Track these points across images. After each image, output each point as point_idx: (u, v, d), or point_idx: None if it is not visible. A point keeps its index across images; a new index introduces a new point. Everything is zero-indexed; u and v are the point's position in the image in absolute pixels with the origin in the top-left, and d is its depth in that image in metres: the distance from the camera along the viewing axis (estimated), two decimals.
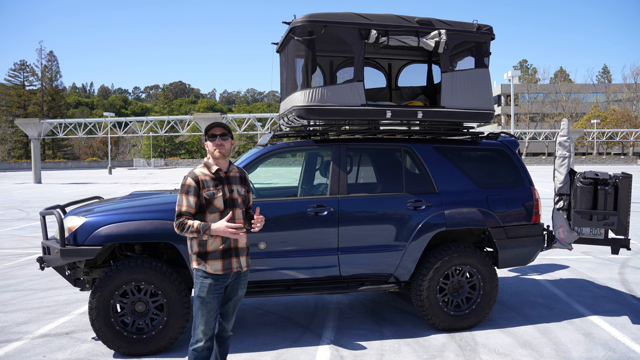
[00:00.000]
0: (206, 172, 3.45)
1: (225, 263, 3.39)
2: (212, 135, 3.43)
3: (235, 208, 3.44)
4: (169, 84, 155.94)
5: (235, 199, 3.45)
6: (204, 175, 3.43)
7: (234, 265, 3.42)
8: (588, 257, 8.32)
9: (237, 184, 3.51)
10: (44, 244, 4.62)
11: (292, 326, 5.15)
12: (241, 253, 3.47)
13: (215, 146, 3.42)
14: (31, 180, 35.75)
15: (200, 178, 3.41)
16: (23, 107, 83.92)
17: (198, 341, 3.40)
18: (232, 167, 3.54)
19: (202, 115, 37.27)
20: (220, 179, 3.45)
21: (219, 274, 3.38)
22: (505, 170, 5.29)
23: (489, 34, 5.25)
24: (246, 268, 3.52)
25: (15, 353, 4.50)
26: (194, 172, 3.45)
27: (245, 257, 3.50)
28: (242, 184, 3.55)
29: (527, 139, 64.86)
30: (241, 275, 3.52)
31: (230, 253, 3.41)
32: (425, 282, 4.85)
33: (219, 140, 3.42)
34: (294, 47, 5.01)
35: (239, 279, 3.52)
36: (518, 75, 41.14)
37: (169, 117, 42.57)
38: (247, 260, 3.52)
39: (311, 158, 5.99)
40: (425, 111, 5.08)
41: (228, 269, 3.40)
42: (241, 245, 3.47)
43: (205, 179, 3.41)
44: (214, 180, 3.42)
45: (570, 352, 4.43)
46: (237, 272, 3.46)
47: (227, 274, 3.41)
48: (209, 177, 3.43)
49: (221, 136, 3.43)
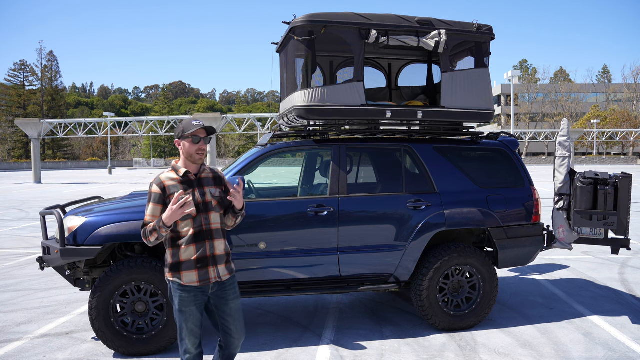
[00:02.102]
0: (173, 176, 3.14)
1: (202, 273, 3.08)
2: (195, 136, 3.11)
3: (210, 212, 3.13)
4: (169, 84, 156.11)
5: (208, 202, 3.14)
6: (170, 180, 3.12)
7: (212, 275, 3.10)
8: (588, 257, 8.32)
9: (210, 185, 3.20)
10: (44, 244, 4.62)
11: (292, 326, 5.15)
12: (219, 261, 3.14)
13: (198, 149, 3.12)
14: (31, 180, 35.74)
15: (166, 184, 3.10)
16: (23, 107, 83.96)
17: (187, 352, 3.15)
18: (203, 168, 3.22)
19: (202, 116, 37.25)
20: (189, 182, 3.14)
21: (195, 285, 3.08)
22: (505, 170, 5.29)
23: (489, 34, 5.25)
24: (228, 276, 3.18)
25: (15, 353, 4.50)
26: (160, 177, 3.15)
27: (224, 264, 3.17)
28: (217, 185, 3.24)
29: (527, 139, 64.86)
30: (226, 285, 3.18)
31: (206, 262, 3.09)
32: (425, 282, 4.85)
33: (203, 144, 3.14)
34: (294, 47, 5.01)
35: (224, 289, 3.18)
36: (518, 75, 41.17)
37: (169, 117, 42.58)
38: (227, 267, 3.19)
39: (311, 158, 5.99)
40: (425, 111, 5.08)
41: (205, 280, 3.09)
42: (219, 252, 3.15)
43: (171, 184, 3.10)
44: (183, 184, 3.11)
45: (570, 352, 4.43)
46: (217, 282, 3.15)
47: (205, 285, 3.11)
48: (177, 181, 3.12)
49: (205, 139, 3.16)
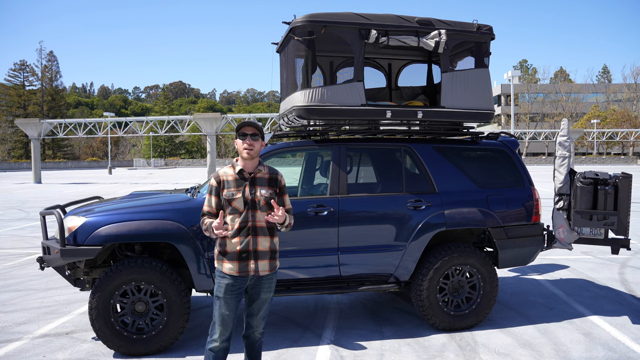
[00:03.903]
0: (230, 172, 3.39)
1: (242, 265, 3.31)
2: (242, 134, 3.33)
3: (256, 210, 3.33)
4: (169, 84, 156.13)
5: (257, 201, 3.34)
6: (226, 175, 3.38)
7: (251, 268, 3.32)
8: (588, 257, 8.32)
9: (264, 185, 3.38)
10: (44, 244, 4.62)
11: (292, 326, 5.15)
12: (261, 257, 3.35)
13: (244, 146, 3.32)
14: (31, 180, 35.74)
15: (223, 178, 3.37)
16: (23, 107, 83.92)
17: (214, 341, 3.36)
18: (260, 168, 3.42)
19: (202, 115, 37.24)
20: (243, 179, 3.36)
21: (235, 275, 3.31)
22: (505, 170, 5.29)
23: (489, 34, 5.25)
24: (267, 272, 3.38)
25: (15, 353, 4.50)
26: (218, 171, 3.42)
27: (267, 261, 3.37)
28: (271, 185, 3.41)
29: (527, 139, 64.84)
30: (263, 279, 3.39)
31: (247, 255, 3.31)
32: (425, 282, 4.85)
33: (249, 140, 3.32)
34: (294, 47, 5.01)
35: (260, 282, 3.39)
36: (518, 75, 41.11)
37: (169, 117, 42.59)
38: (269, 264, 3.39)
39: (311, 158, 6.00)
40: (425, 111, 5.08)
41: (244, 272, 3.31)
42: (261, 248, 3.35)
43: (227, 179, 3.36)
44: (237, 181, 3.36)
45: (570, 352, 4.43)
46: (255, 275, 3.35)
47: (244, 276, 3.33)
48: (232, 177, 3.37)
49: (252, 136, 3.33)
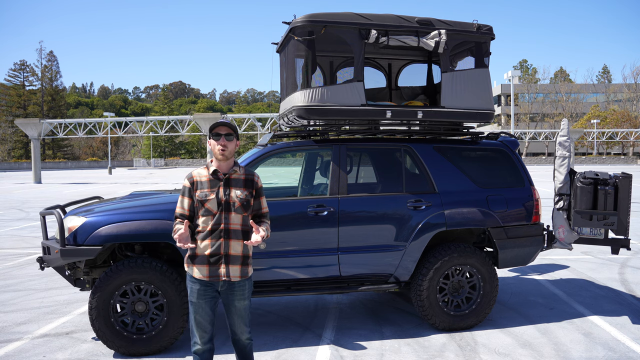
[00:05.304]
0: (204, 173, 3.30)
1: (212, 269, 3.19)
2: (216, 134, 3.24)
3: (230, 212, 3.22)
4: (169, 84, 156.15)
5: (231, 202, 3.22)
6: (200, 176, 3.29)
7: (222, 272, 3.19)
8: (588, 257, 8.32)
9: (239, 186, 3.27)
10: (44, 244, 4.62)
11: (292, 326, 5.15)
12: (233, 261, 3.21)
13: (218, 146, 3.23)
14: (31, 180, 35.74)
15: (196, 179, 3.28)
16: (23, 107, 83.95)
17: (196, 344, 3.31)
18: (235, 169, 3.30)
19: (202, 115, 37.26)
20: (217, 180, 3.26)
21: (204, 280, 3.20)
22: (505, 170, 5.29)
23: (489, 34, 5.25)
24: (238, 278, 3.23)
25: (15, 353, 4.50)
26: (192, 172, 3.34)
27: (238, 266, 3.23)
28: (247, 187, 3.30)
29: (527, 139, 64.87)
30: (235, 286, 3.25)
31: (218, 259, 3.19)
32: (425, 282, 4.85)
33: (223, 141, 3.23)
34: (294, 47, 5.01)
35: (232, 289, 3.25)
36: (518, 75, 41.13)
37: (169, 117, 42.61)
38: (240, 270, 3.24)
39: (311, 158, 5.99)
40: (425, 111, 5.08)
41: (214, 277, 3.19)
42: (234, 252, 3.22)
43: (200, 180, 3.27)
44: (211, 182, 3.25)
45: (570, 352, 4.43)
46: (226, 281, 3.22)
47: (214, 282, 3.22)
48: (206, 178, 3.27)
49: (226, 136, 3.24)
